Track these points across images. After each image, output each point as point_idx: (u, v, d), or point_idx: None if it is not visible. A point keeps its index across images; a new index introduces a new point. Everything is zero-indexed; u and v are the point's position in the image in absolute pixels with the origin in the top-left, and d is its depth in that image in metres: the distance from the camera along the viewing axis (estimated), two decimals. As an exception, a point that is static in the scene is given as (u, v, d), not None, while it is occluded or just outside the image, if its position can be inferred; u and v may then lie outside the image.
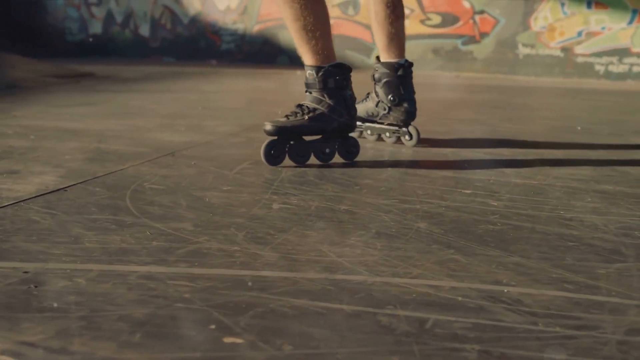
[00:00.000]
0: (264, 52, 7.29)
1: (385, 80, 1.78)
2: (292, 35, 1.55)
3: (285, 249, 0.92)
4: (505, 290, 0.79)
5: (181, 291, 0.76)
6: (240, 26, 7.60)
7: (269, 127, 1.47)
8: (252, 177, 1.39)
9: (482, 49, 7.60)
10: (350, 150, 1.58)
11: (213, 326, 0.67)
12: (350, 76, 1.56)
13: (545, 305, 0.74)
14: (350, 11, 8.24)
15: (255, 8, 7.67)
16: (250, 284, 0.79)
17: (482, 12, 7.54)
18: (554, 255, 0.92)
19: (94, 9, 10.54)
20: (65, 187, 1.24)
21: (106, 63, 6.10)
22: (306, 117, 1.50)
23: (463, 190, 1.30)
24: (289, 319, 0.70)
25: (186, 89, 3.78)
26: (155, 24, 10.05)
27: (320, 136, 1.54)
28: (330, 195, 1.24)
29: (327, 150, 1.54)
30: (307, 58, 1.54)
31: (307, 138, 1.53)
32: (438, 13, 7.72)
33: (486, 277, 0.83)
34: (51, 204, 1.13)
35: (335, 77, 1.52)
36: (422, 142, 1.81)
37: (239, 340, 0.64)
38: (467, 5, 7.59)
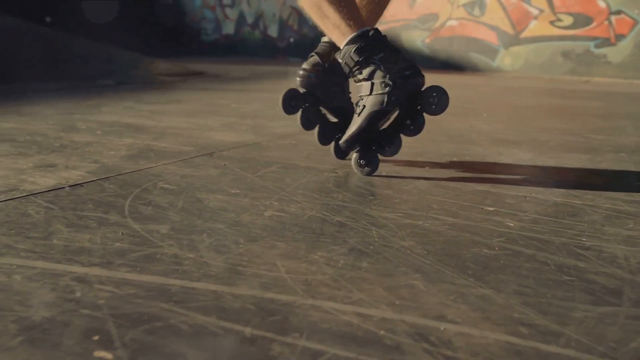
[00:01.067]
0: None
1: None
2: (322, 19, 1.40)
3: (239, 261, 0.88)
4: (442, 328, 0.69)
5: (99, 296, 0.75)
6: (363, 27, 7.54)
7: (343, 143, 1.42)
8: (270, 182, 1.35)
9: (618, 52, 7.01)
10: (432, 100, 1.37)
11: (96, 337, 0.65)
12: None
13: (476, 351, 0.64)
14: (476, 12, 7.94)
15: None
16: (172, 295, 0.76)
17: (618, 12, 6.97)
18: (534, 290, 0.80)
19: (228, 10, 11.08)
20: (83, 183, 1.28)
21: (233, 62, 6.34)
22: (381, 104, 1.34)
23: (485, 207, 1.18)
24: (177, 336, 0.65)
25: (281, 88, 3.82)
26: (283, 25, 10.37)
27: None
28: (334, 205, 1.18)
29: (409, 122, 1.40)
30: (341, 36, 1.38)
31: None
32: (569, 13, 7.23)
33: (431, 310, 0.73)
34: (57, 198, 1.17)
35: (369, 43, 1.34)
36: (485, 148, 1.67)
37: (108, 356, 0.61)
38: (602, 5, 7.04)
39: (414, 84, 1.34)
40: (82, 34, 5.12)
